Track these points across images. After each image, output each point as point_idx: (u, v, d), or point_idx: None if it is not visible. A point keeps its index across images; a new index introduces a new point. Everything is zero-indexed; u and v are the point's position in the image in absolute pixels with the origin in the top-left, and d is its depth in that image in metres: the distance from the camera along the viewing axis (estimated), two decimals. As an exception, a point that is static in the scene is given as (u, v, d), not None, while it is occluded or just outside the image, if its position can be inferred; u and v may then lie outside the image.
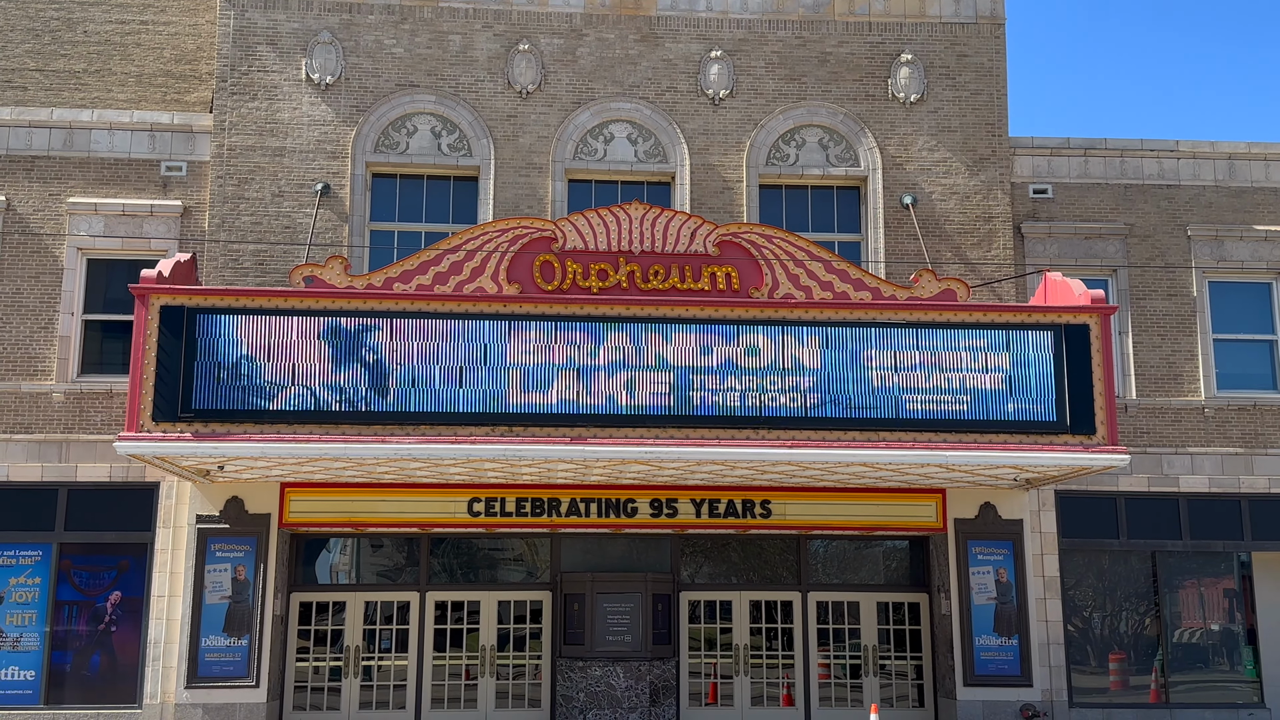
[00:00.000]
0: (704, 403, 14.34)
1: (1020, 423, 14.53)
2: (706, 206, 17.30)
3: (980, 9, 18.06)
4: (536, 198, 17.29)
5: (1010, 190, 17.75)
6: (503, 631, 16.93)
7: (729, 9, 17.93)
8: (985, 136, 17.79)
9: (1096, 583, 17.44)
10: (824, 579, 17.31)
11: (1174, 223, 17.87)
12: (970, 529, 16.61)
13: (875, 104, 17.82)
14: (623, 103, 17.66)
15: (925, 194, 17.56)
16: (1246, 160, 18.09)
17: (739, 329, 14.48)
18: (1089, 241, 17.73)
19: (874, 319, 14.62)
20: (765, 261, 15.44)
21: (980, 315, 14.72)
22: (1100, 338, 14.68)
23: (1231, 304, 17.86)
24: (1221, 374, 17.60)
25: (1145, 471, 17.18)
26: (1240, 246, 17.80)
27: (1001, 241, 17.51)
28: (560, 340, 14.32)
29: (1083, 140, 18.04)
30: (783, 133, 17.73)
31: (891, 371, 14.52)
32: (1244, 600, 17.53)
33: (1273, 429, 17.41)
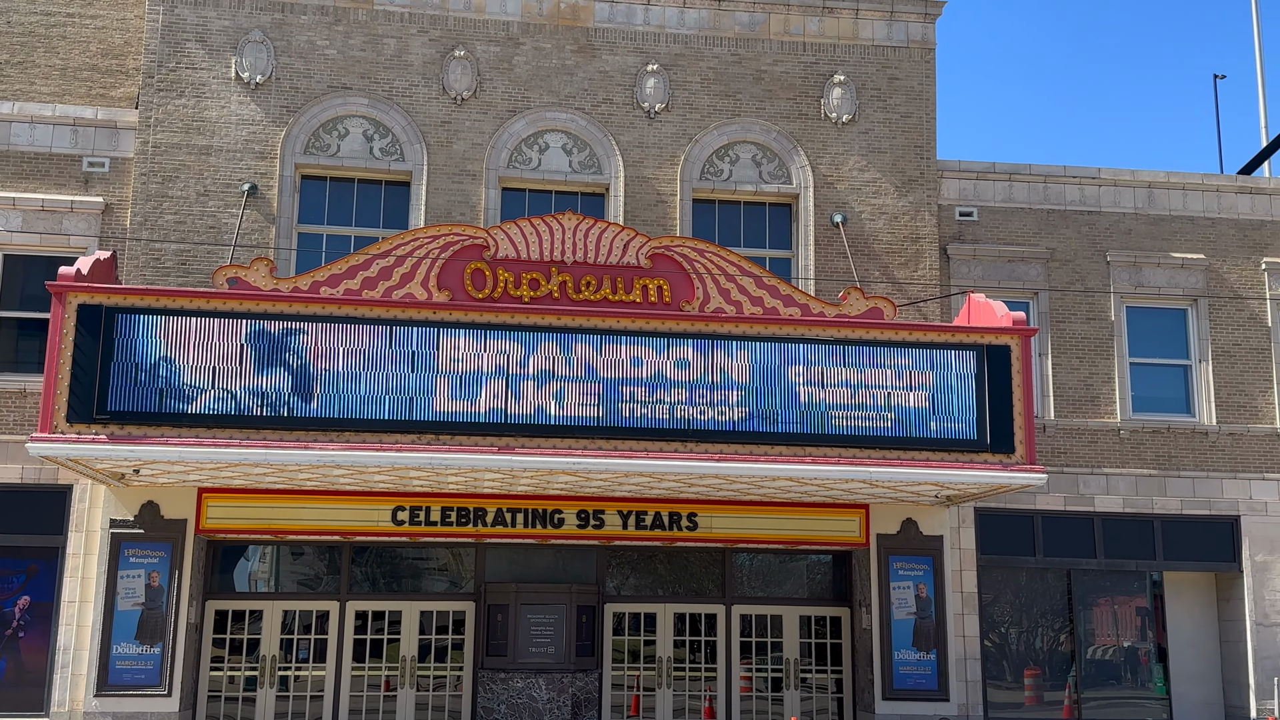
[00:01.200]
0: (633, 415, 14.35)
1: (942, 440, 14.76)
2: (640, 219, 17.35)
3: (911, 34, 18.39)
4: (469, 205, 17.20)
5: (937, 212, 18.06)
6: (424, 642, 16.74)
7: (666, 24, 18.03)
8: (914, 159, 18.10)
9: (1013, 599, 17.77)
10: (749, 592, 17.40)
11: (1094, 248, 18.32)
12: (892, 544, 16.82)
13: (808, 123, 18.03)
14: (558, 113, 17.65)
15: (855, 213, 17.80)
16: (1165, 189, 18.62)
17: (669, 342, 14.52)
18: (1012, 264, 18.11)
19: (802, 335, 14.77)
20: (697, 275, 15.52)
21: (906, 334, 14.94)
22: (1021, 359, 14.98)
23: (1148, 329, 18.35)
24: (1137, 397, 18.07)
25: (1062, 491, 17.55)
26: (1157, 273, 18.30)
27: (928, 262, 17.81)
28: (490, 349, 14.24)
29: (1008, 165, 18.43)
30: (717, 148, 17.86)
31: (819, 387, 14.66)
32: (1155, 619, 17.97)
33: (1185, 451, 17.90)
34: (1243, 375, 18.15)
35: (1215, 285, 18.35)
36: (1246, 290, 18.38)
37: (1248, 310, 18.33)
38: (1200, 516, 17.78)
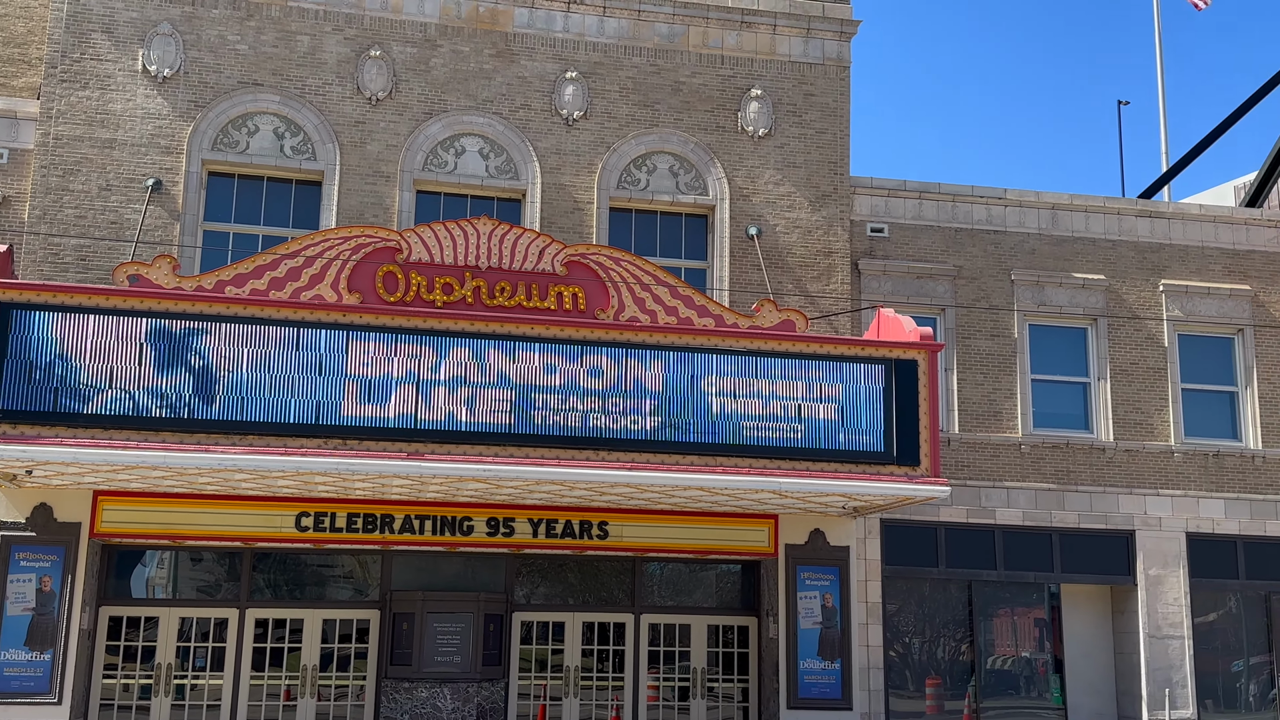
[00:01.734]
0: (545, 422, 14.28)
1: (851, 452, 14.96)
2: (556, 226, 17.29)
3: (827, 52, 18.65)
4: (383, 207, 16.97)
5: (850, 227, 18.33)
6: (327, 651, 16.42)
7: (586, 31, 18.03)
8: (828, 174, 18.34)
9: (917, 609, 18.06)
10: (659, 601, 17.41)
11: (999, 267, 18.75)
12: (800, 554, 16.99)
13: (725, 135, 18.17)
14: (476, 116, 17.52)
15: (770, 226, 17.97)
16: (1068, 211, 19.15)
17: (583, 350, 14.48)
18: (920, 281, 18.45)
19: (715, 345, 14.85)
20: (612, 284, 15.51)
21: (817, 347, 15.11)
22: (928, 373, 15.25)
23: (1050, 346, 18.83)
24: (1038, 413, 18.53)
25: (965, 503, 17.91)
26: (1059, 292, 18.79)
27: (840, 276, 18.05)
28: (401, 353, 14.05)
29: (918, 184, 18.79)
30: (635, 157, 17.90)
31: (731, 398, 14.75)
32: (1053, 630, 18.42)
33: (1083, 467, 18.39)
34: (1139, 394, 18.72)
35: (1115, 305, 18.91)
36: (1144, 311, 18.97)
37: (1145, 330, 18.93)
38: (1097, 530, 18.28)
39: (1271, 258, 19.48)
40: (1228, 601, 18.72)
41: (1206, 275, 19.24)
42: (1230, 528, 18.55)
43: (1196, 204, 20.18)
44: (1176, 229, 19.37)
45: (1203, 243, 19.36)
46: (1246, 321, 19.11)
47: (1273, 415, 18.93)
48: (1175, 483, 18.52)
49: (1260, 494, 18.68)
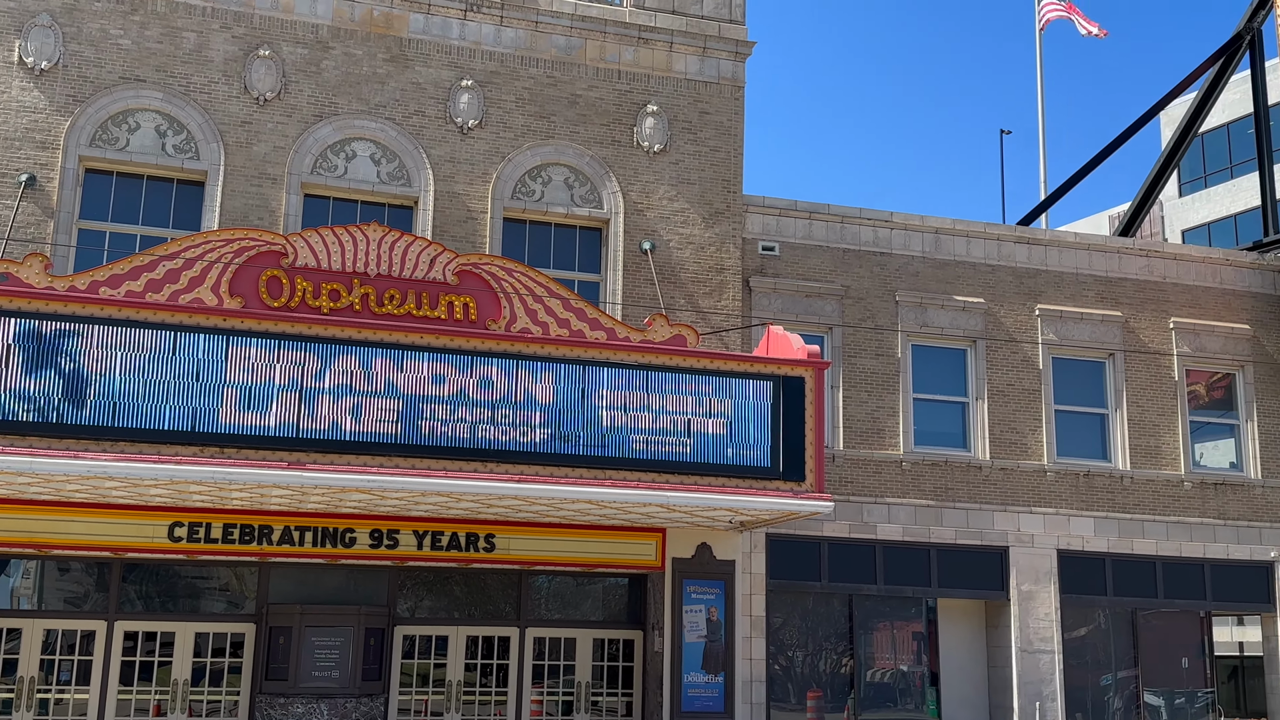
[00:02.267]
0: (433, 433, 14.10)
1: (738, 467, 15.11)
2: (449, 235, 17.12)
3: (722, 71, 18.88)
4: (268, 209, 16.58)
5: (742, 245, 18.55)
6: (199, 665, 15.91)
7: (482, 40, 17.92)
8: (721, 192, 18.55)
9: (800, 623, 18.31)
10: (545, 614, 17.31)
11: (885, 288, 19.19)
12: (686, 568, 17.08)
13: (621, 150, 18.24)
14: (368, 121, 17.26)
15: (664, 241, 18.08)
16: (951, 235, 19.69)
17: (473, 360, 14.35)
18: (809, 300, 18.76)
19: (607, 359, 14.86)
20: (505, 295, 15.42)
21: (707, 362, 15.24)
22: (814, 390, 15.51)
23: (931, 366, 19.32)
24: (919, 431, 18.98)
25: (848, 519, 18.23)
26: (941, 314, 19.31)
27: (731, 293, 18.25)
28: (284, 360, 13.72)
29: (808, 204, 19.13)
30: (530, 168, 17.84)
31: (621, 411, 14.78)
32: (929, 643, 18.86)
33: (961, 484, 18.90)
34: (1015, 414, 19.33)
35: (993, 328, 19.51)
36: (1021, 334, 19.61)
37: (1021, 353, 19.55)
38: (973, 546, 18.79)
39: (1142, 285, 20.33)
40: (1096, 617, 19.41)
41: (1080, 301, 19.98)
42: (1099, 545, 19.25)
43: (1072, 232, 20.95)
44: (1053, 255, 20.08)
45: (1077, 269, 20.10)
46: (1117, 346, 19.89)
47: (1140, 437, 19.73)
48: (1048, 501, 19.15)
49: (1128, 513, 19.43)
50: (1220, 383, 20.52)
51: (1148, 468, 19.66)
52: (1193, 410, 20.19)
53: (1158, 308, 20.25)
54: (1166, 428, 19.87)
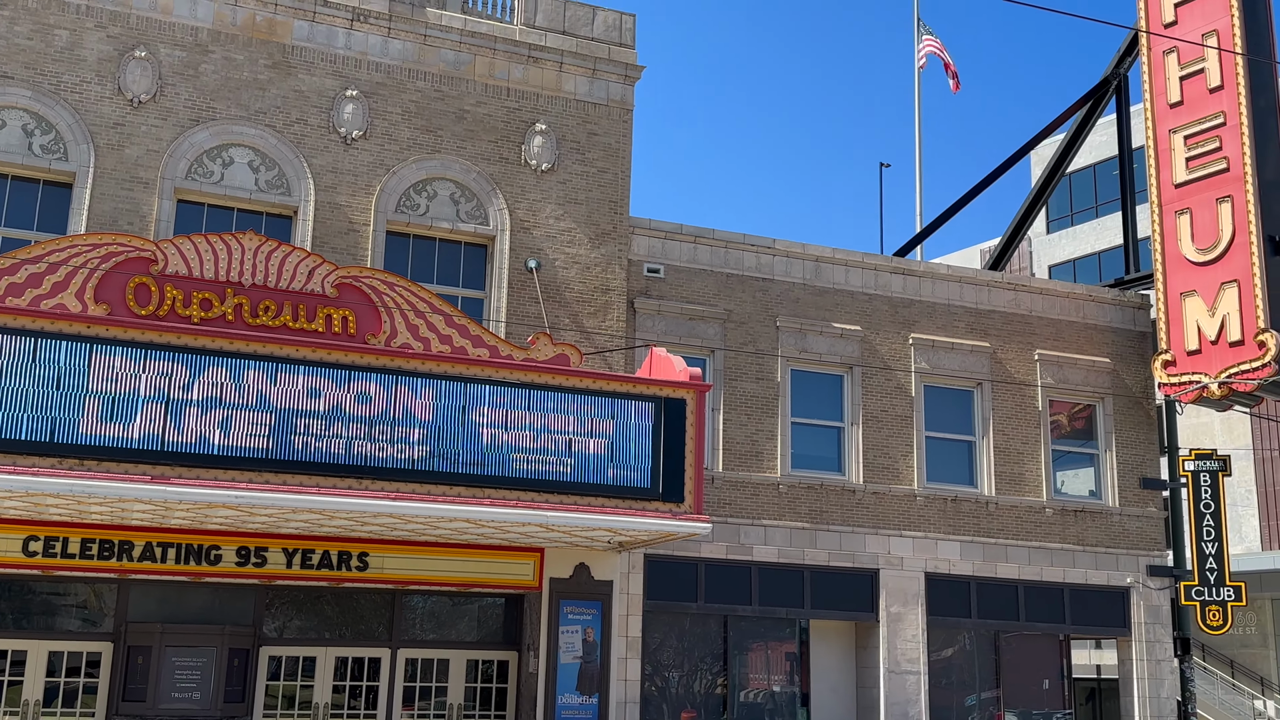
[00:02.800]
0: (306, 448, 13.78)
1: (619, 488, 15.14)
2: (329, 246, 16.81)
3: (611, 93, 19.00)
4: (139, 215, 16.04)
5: (627, 266, 18.65)
6: (52, 685, 15.19)
7: (368, 51, 17.69)
8: (608, 213, 18.63)
9: (676, 643, 18.39)
10: (419, 635, 17.03)
11: (766, 313, 19.50)
12: (564, 588, 17.01)
13: (509, 167, 18.18)
14: (247, 127, 16.86)
15: (549, 260, 18.06)
16: (830, 264, 20.12)
17: (351, 375, 14.09)
18: (693, 322, 18.94)
19: (489, 376, 14.75)
20: (385, 309, 15.19)
21: (590, 382, 15.25)
22: (695, 413, 15.64)
23: (809, 391, 19.68)
24: (796, 454, 19.30)
25: (725, 540, 18.41)
26: (820, 340, 19.70)
27: (616, 314, 18.32)
28: (151, 370, 13.27)
29: (694, 229, 19.33)
30: (415, 182, 17.65)
31: (502, 430, 14.67)
32: (801, 664, 19.13)
33: (835, 507, 19.27)
34: (888, 439, 19.80)
35: (869, 355, 19.98)
36: (895, 362, 20.12)
37: (895, 380, 20.06)
38: (845, 569, 19.14)
39: (1009, 318, 21.06)
40: (961, 639, 19.95)
41: (951, 331, 20.61)
42: (965, 569, 19.82)
43: (945, 264, 21.61)
44: (926, 286, 20.68)
45: (949, 301, 20.73)
46: (985, 376, 20.56)
47: (1005, 464, 20.40)
48: (917, 525, 19.65)
49: (992, 538, 20.06)
50: (1081, 413, 21.38)
51: (1012, 494, 20.35)
52: (1055, 439, 20.97)
53: (1024, 340, 21.01)
54: (1030, 456, 20.59)
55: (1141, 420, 21.50)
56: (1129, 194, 23.34)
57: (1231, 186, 20.20)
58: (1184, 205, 20.84)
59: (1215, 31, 20.85)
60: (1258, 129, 20.31)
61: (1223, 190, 20.32)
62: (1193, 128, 20.95)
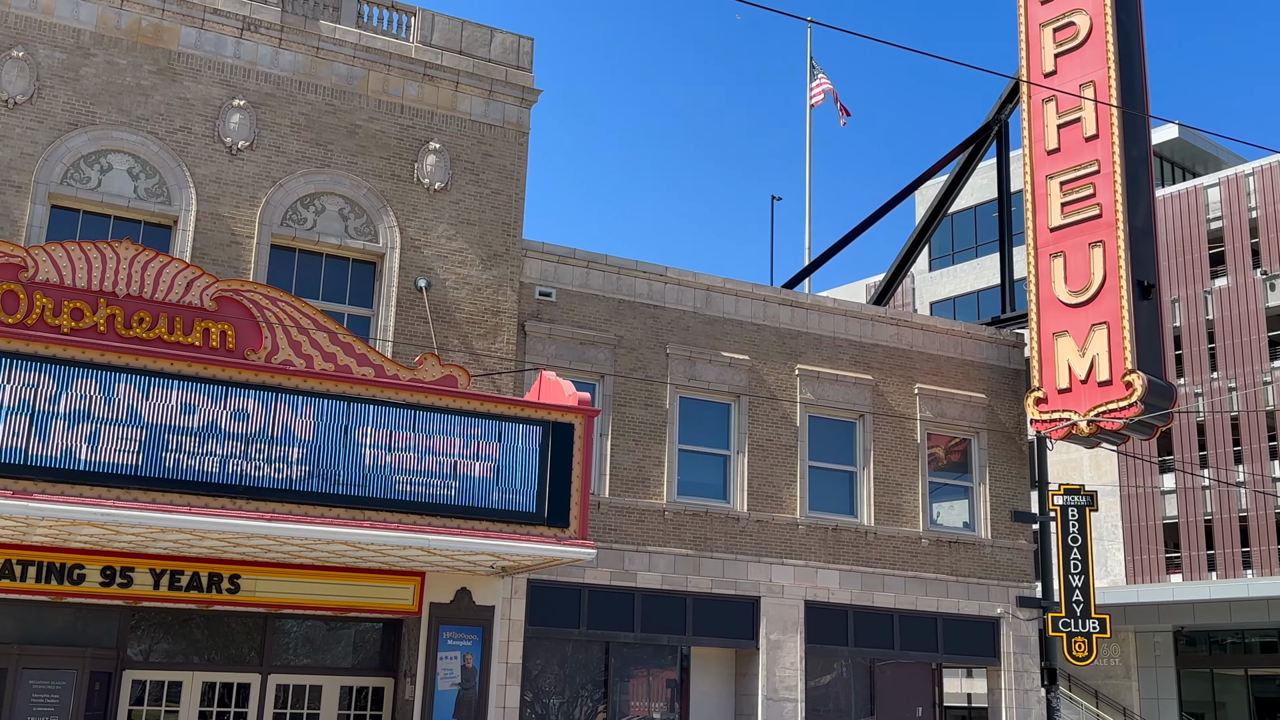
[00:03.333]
0: (178, 465, 13.35)
1: (503, 511, 15.02)
2: (210, 259, 16.36)
3: (508, 115, 18.96)
4: (10, 219, 15.40)
5: (519, 289, 18.57)
6: (-108, 714, 14.36)
7: (258, 61, 17.34)
8: (501, 235, 18.55)
9: (558, 670, 18.26)
10: (292, 660, 16.57)
11: (657, 340, 19.62)
12: (444, 614, 16.76)
13: (401, 184, 17.98)
14: (127, 133, 16.35)
15: (440, 280, 17.88)
16: (721, 293, 20.36)
17: (228, 391, 13.71)
18: (583, 347, 18.95)
19: (374, 396, 14.51)
20: (267, 324, 14.84)
21: (477, 404, 15.12)
22: (583, 438, 15.62)
23: (697, 419, 19.82)
24: (683, 481, 19.41)
25: (609, 566, 18.38)
26: (709, 369, 19.89)
27: (506, 336, 18.22)
28: (16, 380, 12.72)
29: (586, 253, 19.37)
30: (303, 195, 17.32)
31: (385, 451, 14.44)
32: (681, 691, 19.16)
33: (719, 534, 19.41)
34: (773, 468, 20.05)
35: (756, 385, 20.23)
36: (781, 392, 20.41)
37: (781, 410, 20.35)
38: (727, 596, 19.28)
39: (891, 352, 21.57)
40: (838, 667, 20.24)
41: (836, 363, 21.01)
42: (843, 597, 20.14)
43: (832, 297, 22.06)
44: (813, 319, 21.06)
45: (834, 333, 21.14)
46: (867, 408, 21.00)
47: (884, 495, 20.83)
48: (798, 553, 19.91)
49: (870, 567, 20.43)
50: (958, 447, 21.98)
51: (890, 524, 20.78)
52: (932, 472, 21.51)
53: (905, 374, 21.54)
54: (908, 487, 21.07)
55: (1014, 455, 22.19)
56: (1007, 236, 24.17)
57: (1104, 232, 21.07)
58: (1059, 248, 21.66)
59: (1092, 82, 21.78)
60: (1130, 178, 21.25)
61: (1095, 235, 21.18)
62: (1069, 174, 21.81)
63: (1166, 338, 21.89)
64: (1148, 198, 21.72)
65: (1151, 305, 21.02)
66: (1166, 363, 21.37)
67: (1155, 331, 20.99)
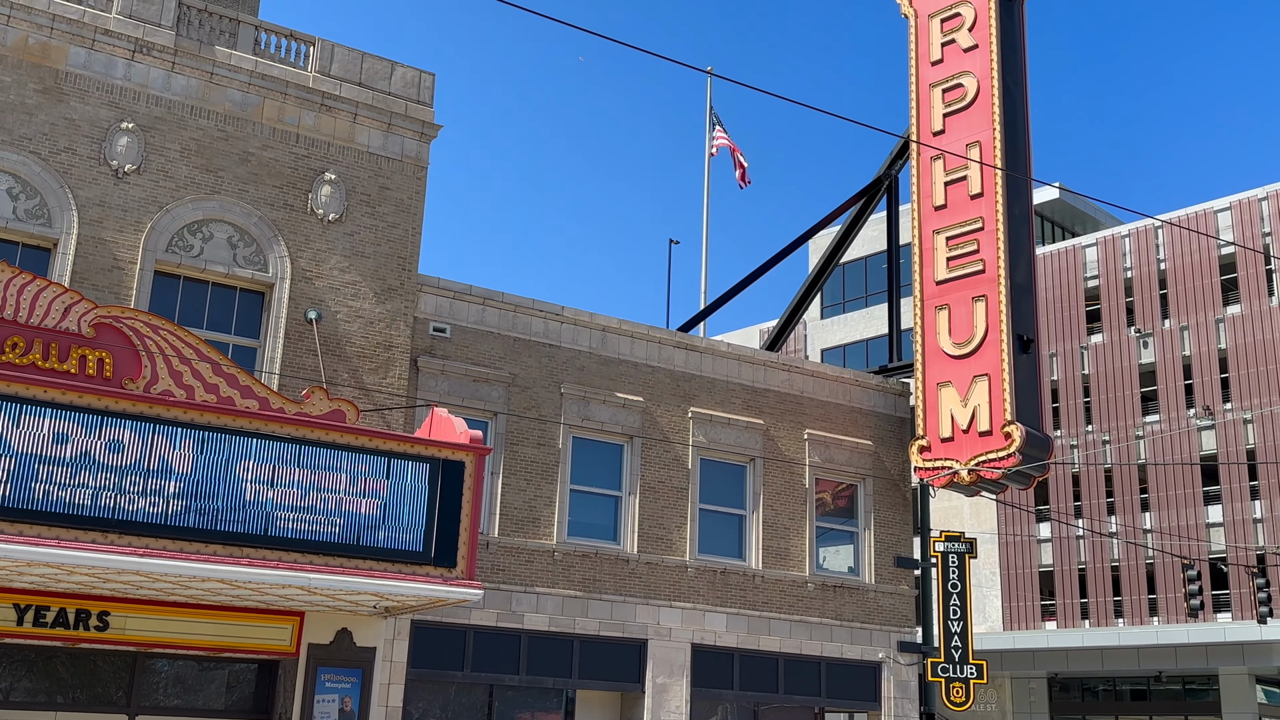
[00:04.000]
0: (47, 497, 12.82)
1: (389, 550, 14.73)
2: (91, 284, 15.84)
3: (406, 149, 18.83)
4: (-125, 235, 14.70)
5: (413, 324, 18.37)
6: None
7: (149, 84, 16.93)
8: (396, 269, 18.35)
9: (440, 713, 17.89)
10: (162, 701, 15.92)
11: (551, 379, 19.57)
12: (324, 655, 16.32)
13: (293, 214, 17.68)
14: (8, 152, 15.78)
15: (331, 312, 17.59)
16: (617, 334, 20.43)
17: (104, 421, 13.24)
18: (477, 384, 18.79)
19: (257, 430, 14.16)
20: (147, 353, 14.40)
21: (365, 440, 14.85)
22: (474, 476, 15.45)
23: (590, 459, 19.78)
24: (573, 522, 19.32)
25: (496, 607, 18.15)
26: (603, 409, 19.90)
27: (398, 371, 17.97)
28: (-127, 404, 12.07)
29: (483, 290, 19.27)
30: (191, 222, 16.91)
31: (267, 486, 14.08)
32: (566, 734, 18.96)
33: (608, 576, 19.34)
34: (664, 510, 20.10)
35: (649, 427, 20.31)
36: (674, 434, 20.52)
37: (674, 452, 20.45)
38: (614, 639, 19.18)
39: (782, 397, 21.88)
40: (722, 710, 20.26)
41: (729, 407, 21.22)
42: (730, 641, 20.21)
43: (726, 342, 22.32)
44: (707, 362, 21.27)
45: (728, 378, 21.38)
46: (758, 453, 21.23)
47: (773, 539, 21.04)
48: (686, 596, 19.94)
49: (757, 610, 20.57)
50: (844, 492, 22.34)
51: (777, 568, 20.97)
52: (820, 517, 21.81)
53: (795, 419, 21.86)
54: (796, 531, 21.32)
55: (899, 501, 22.65)
56: (895, 287, 24.80)
57: (987, 287, 21.78)
58: (944, 301, 22.30)
59: (978, 143, 22.58)
60: (1012, 235, 22.03)
61: (979, 290, 21.87)
62: (954, 230, 22.52)
63: (1044, 391, 22.65)
64: (1029, 255, 22.53)
65: (1030, 359, 21.75)
66: (1044, 415, 22.10)
67: (1034, 385, 21.71)
